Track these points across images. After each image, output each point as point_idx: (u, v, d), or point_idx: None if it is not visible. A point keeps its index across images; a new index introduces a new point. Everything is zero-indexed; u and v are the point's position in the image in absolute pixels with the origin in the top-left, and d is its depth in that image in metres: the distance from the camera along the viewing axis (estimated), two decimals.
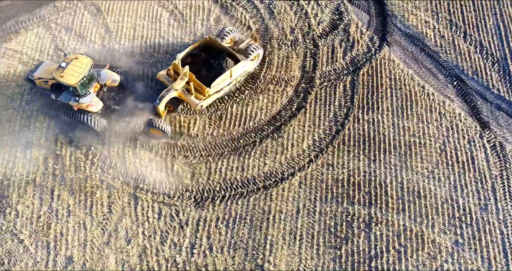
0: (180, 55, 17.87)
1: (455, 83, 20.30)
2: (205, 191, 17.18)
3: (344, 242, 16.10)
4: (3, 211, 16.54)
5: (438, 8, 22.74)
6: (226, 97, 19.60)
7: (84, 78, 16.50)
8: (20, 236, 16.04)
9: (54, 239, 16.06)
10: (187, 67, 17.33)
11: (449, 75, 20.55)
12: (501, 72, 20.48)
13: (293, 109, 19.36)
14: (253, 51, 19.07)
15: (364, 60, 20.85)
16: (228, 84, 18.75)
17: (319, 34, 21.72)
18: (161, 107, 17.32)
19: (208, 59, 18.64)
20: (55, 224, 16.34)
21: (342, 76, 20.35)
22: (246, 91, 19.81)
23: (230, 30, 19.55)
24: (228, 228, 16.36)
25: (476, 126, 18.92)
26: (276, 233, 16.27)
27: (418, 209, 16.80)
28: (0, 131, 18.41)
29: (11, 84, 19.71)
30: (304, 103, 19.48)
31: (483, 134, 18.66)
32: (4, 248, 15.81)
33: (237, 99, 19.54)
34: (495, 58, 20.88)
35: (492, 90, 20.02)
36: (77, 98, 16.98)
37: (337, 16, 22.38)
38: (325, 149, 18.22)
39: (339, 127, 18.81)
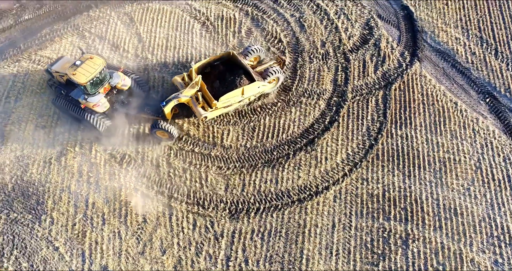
0: (196, 64, 18.10)
1: (487, 100, 20.25)
2: (240, 203, 17.12)
3: (381, 258, 15.91)
4: (39, 217, 16.55)
5: (468, 25, 22.83)
6: (258, 109, 19.68)
7: (95, 79, 16.69)
8: (55, 243, 16.01)
9: (89, 247, 16.01)
10: (199, 76, 17.32)
11: (481, 92, 20.52)
12: None
13: (326, 122, 19.37)
14: (271, 74, 18.77)
15: (395, 75, 20.89)
16: (239, 102, 18.58)
17: (350, 48, 21.85)
18: (167, 109, 17.44)
19: (224, 73, 18.67)
20: (90, 232, 16.31)
21: (374, 91, 20.38)
22: (279, 104, 19.87)
23: (256, 49, 19.43)
24: (263, 241, 16.24)
25: (510, 144, 18.79)
26: (312, 247, 16.12)
27: (455, 226, 16.60)
28: (35, 138, 18.55)
29: (46, 91, 19.91)
30: (336, 117, 19.48)
31: None
32: (40, 255, 15.77)
33: (270, 111, 19.60)
34: None
35: None
36: (86, 97, 17.18)
37: (367, 31, 22.53)
38: (359, 163, 18.15)
39: (373, 142, 18.76)
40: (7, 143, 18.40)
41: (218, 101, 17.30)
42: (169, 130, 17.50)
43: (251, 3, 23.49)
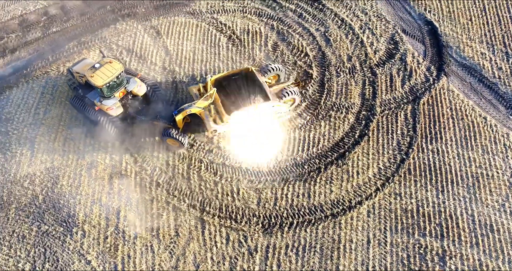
0: (214, 76, 18.24)
1: None
2: (272, 217, 16.92)
3: None
4: (70, 230, 16.37)
5: (493, 40, 22.92)
6: (287, 122, 19.63)
7: (112, 83, 16.84)
8: (87, 257, 15.80)
9: (121, 261, 15.79)
10: (214, 89, 17.27)
11: (510, 107, 20.44)
12: None
13: (356, 136, 19.29)
14: (287, 95, 18.56)
15: (423, 89, 20.89)
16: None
17: (376, 63, 21.93)
18: (178, 118, 17.45)
19: (241, 88, 18.64)
20: (122, 245, 16.10)
21: (402, 105, 20.35)
22: (308, 117, 19.84)
23: (275, 67, 19.27)
24: (298, 256, 15.99)
25: None
26: (347, 263, 15.85)
27: (492, 243, 16.34)
28: (65, 150, 18.50)
29: None
30: (366, 131, 19.41)
31: None
32: (72, 269, 15.54)
33: (299, 125, 19.55)
34: None
35: None
36: (101, 100, 17.27)
37: (393, 46, 22.64)
38: (391, 177, 17.99)
39: (404, 156, 18.64)
40: (37, 154, 18.35)
41: (230, 116, 17.27)
42: (179, 139, 17.49)
43: (276, 18, 23.71)
